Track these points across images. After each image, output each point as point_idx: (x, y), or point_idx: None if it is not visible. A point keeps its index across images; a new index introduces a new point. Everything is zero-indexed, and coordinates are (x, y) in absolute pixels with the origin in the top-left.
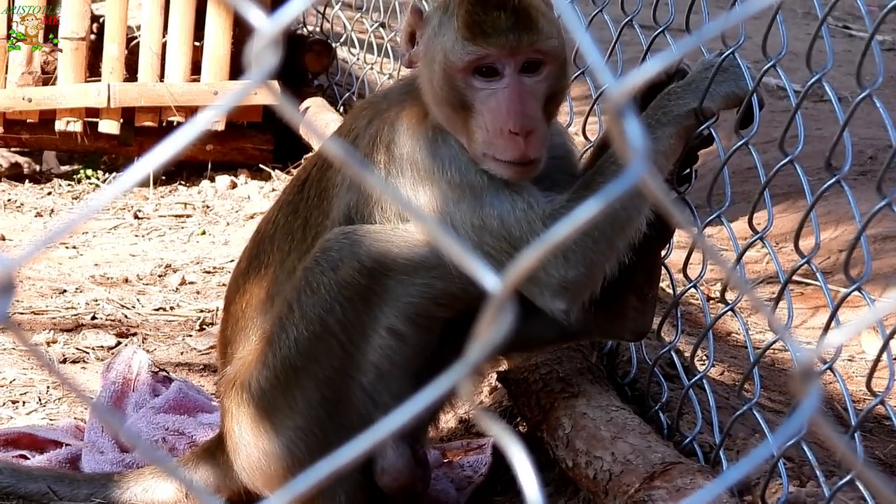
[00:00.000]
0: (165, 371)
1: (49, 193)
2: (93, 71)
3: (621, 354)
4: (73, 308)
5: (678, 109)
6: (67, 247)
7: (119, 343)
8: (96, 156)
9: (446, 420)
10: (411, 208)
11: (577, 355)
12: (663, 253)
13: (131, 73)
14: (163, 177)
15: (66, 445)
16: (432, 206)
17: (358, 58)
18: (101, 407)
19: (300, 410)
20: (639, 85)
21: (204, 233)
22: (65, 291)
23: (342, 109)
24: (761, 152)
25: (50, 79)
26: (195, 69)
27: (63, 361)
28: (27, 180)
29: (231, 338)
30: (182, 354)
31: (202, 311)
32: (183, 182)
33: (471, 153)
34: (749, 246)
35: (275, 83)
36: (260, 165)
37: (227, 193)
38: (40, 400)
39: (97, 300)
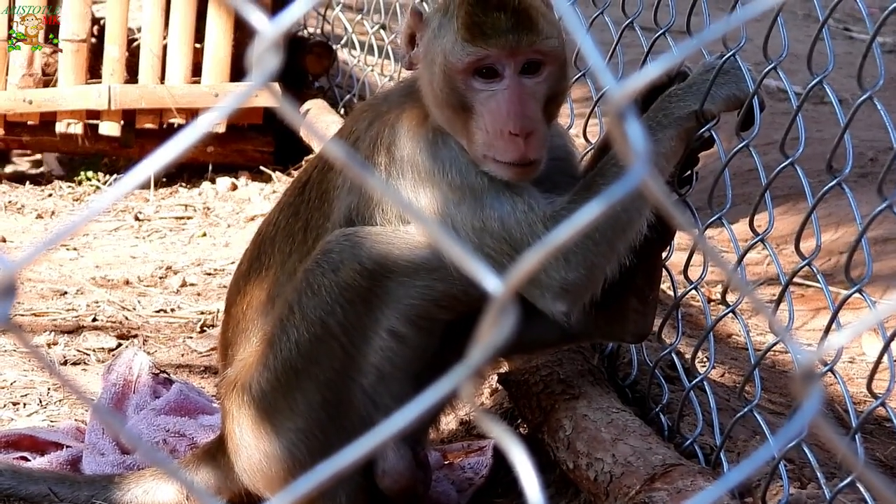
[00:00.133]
0: (166, 373)
1: (50, 195)
2: (93, 73)
3: (622, 356)
4: (74, 310)
5: (679, 111)
6: (68, 248)
7: (120, 345)
8: (97, 157)
9: (447, 422)
10: (413, 210)
11: (578, 357)
12: (664, 255)
13: (132, 75)
14: (163, 179)
15: (67, 447)
16: (433, 208)
17: (359, 60)
18: (102, 409)
19: (301, 412)
20: (640, 87)
21: (204, 235)
22: (65, 293)
23: (343, 111)
24: (762, 154)
25: (50, 81)
26: (196, 71)
27: (64, 363)
28: (28, 182)
29: (232, 339)
30: (183, 356)
31: (203, 313)
32: (183, 184)
33: (471, 155)
34: (750, 248)
35: (276, 85)
36: (260, 167)
37: (228, 195)
38: (41, 402)
39: (98, 302)
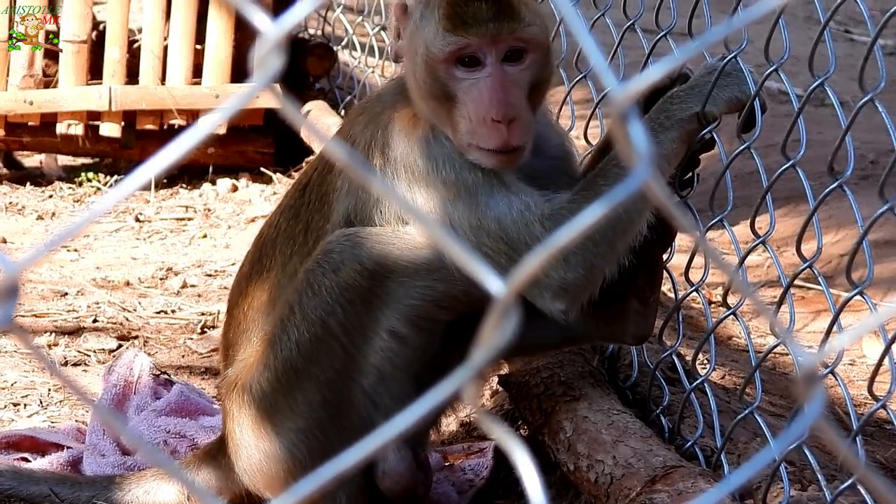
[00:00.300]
0: (167, 374)
1: (50, 196)
2: (94, 74)
3: (623, 358)
4: (75, 311)
5: (681, 113)
6: (69, 250)
7: (120, 346)
8: (97, 159)
9: (448, 423)
10: (414, 211)
11: (579, 359)
12: (665, 256)
13: (132, 76)
14: (164, 180)
15: (68, 448)
16: (429, 207)
17: (359, 61)
18: (103, 409)
19: (301, 412)
20: (642, 89)
21: (205, 236)
22: (66, 294)
23: (343, 113)
24: (763, 156)
25: (51, 82)
26: (196, 72)
27: (64, 364)
28: (28, 183)
29: (233, 340)
30: (183, 357)
31: (203, 315)
32: (184, 185)
33: (456, 144)
34: (751, 250)
35: (277, 86)
36: (261, 169)
37: (229, 197)
38: (42, 402)
39: (98, 303)
